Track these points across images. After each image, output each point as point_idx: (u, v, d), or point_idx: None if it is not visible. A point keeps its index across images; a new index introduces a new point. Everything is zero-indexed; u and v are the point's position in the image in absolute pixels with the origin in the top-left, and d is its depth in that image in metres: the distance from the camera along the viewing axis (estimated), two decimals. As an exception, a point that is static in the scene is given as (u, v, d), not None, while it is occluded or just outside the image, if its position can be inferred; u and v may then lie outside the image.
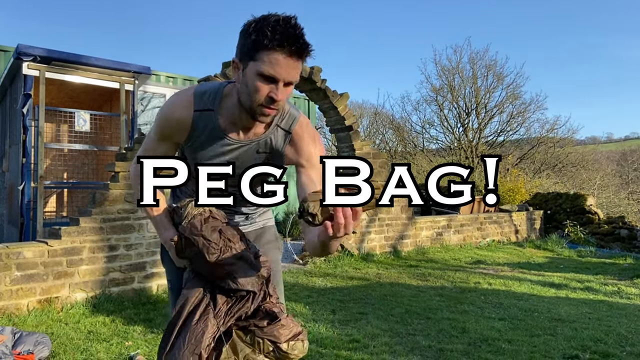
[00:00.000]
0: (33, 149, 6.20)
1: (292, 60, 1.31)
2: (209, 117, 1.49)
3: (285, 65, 1.30)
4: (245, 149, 1.53)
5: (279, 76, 1.31)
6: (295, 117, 1.55)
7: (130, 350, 3.38)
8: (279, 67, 1.30)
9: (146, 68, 6.84)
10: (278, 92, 1.33)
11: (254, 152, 1.54)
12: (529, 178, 16.12)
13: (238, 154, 1.53)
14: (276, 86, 1.33)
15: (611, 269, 7.58)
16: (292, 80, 1.34)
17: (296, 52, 1.30)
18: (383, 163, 7.79)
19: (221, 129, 1.50)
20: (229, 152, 1.53)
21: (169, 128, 1.52)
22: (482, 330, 3.94)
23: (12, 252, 4.23)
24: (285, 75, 1.32)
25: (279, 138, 1.54)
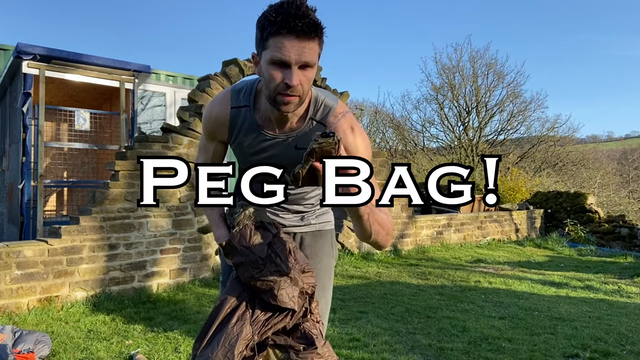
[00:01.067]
0: (33, 147, 6.20)
1: (299, 40, 1.25)
2: (246, 113, 1.49)
3: (292, 46, 1.25)
4: (283, 144, 1.49)
5: (289, 59, 1.26)
6: (330, 108, 1.48)
7: (131, 349, 3.38)
8: (286, 50, 1.26)
9: (146, 67, 6.83)
10: (292, 77, 1.28)
11: (292, 149, 1.47)
12: (530, 177, 16.12)
13: (277, 150, 1.50)
14: (290, 70, 1.28)
15: (611, 267, 7.58)
16: (306, 61, 1.28)
17: (302, 32, 1.24)
18: (383, 162, 7.78)
19: (257, 124, 1.48)
20: (268, 148, 1.50)
21: (211, 126, 1.57)
22: (482, 329, 3.94)
23: (12, 250, 4.23)
24: (295, 57, 1.26)
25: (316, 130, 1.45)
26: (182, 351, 3.35)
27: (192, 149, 5.48)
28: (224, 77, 5.82)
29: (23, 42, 5.86)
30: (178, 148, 5.37)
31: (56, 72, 6.22)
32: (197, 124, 5.50)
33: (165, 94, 8.42)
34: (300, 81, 1.30)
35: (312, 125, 1.48)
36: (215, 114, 1.54)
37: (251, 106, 1.49)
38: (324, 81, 6.89)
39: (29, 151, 6.14)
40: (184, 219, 5.38)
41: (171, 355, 3.29)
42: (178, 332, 3.75)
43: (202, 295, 4.93)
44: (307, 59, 1.28)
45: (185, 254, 5.40)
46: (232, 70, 5.86)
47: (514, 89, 21.10)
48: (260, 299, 1.48)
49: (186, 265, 5.40)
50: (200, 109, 5.51)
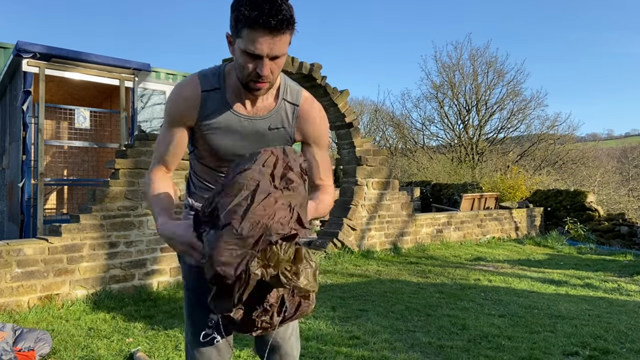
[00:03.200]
0: (33, 146, 6.20)
1: (271, 35, 1.30)
2: (217, 95, 1.50)
3: (265, 41, 1.30)
4: (256, 124, 1.52)
5: (261, 52, 1.32)
6: (298, 90, 1.58)
7: (131, 347, 3.39)
8: (259, 44, 1.30)
9: (146, 65, 6.83)
10: (263, 68, 1.34)
11: (265, 130, 1.53)
12: (530, 175, 16.11)
13: (250, 130, 1.52)
14: (261, 62, 1.34)
15: (611, 265, 7.59)
16: (277, 54, 1.34)
17: (275, 28, 1.28)
18: (383, 160, 7.79)
19: (229, 104, 1.50)
20: (240, 129, 1.52)
21: (178, 111, 1.52)
22: (482, 326, 3.94)
23: (12, 249, 4.23)
24: (267, 50, 1.32)
25: (288, 111, 1.55)
26: (182, 349, 3.35)
27: (192, 147, 5.47)
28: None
29: (23, 40, 5.85)
30: (178, 146, 5.36)
31: (56, 71, 6.22)
32: (197, 122, 5.48)
33: (165, 92, 8.42)
34: (271, 69, 1.37)
35: (285, 105, 1.54)
36: (184, 96, 1.50)
37: (222, 88, 1.50)
38: (324, 79, 6.88)
39: (29, 149, 6.14)
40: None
41: (171, 353, 3.30)
42: (178, 330, 3.75)
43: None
44: (278, 52, 1.34)
45: (186, 252, 5.40)
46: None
47: (514, 87, 21.11)
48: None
49: (186, 264, 5.40)
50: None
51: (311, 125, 1.58)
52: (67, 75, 6.35)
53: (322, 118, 1.62)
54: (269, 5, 1.27)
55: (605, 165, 22.59)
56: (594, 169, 20.86)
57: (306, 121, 1.57)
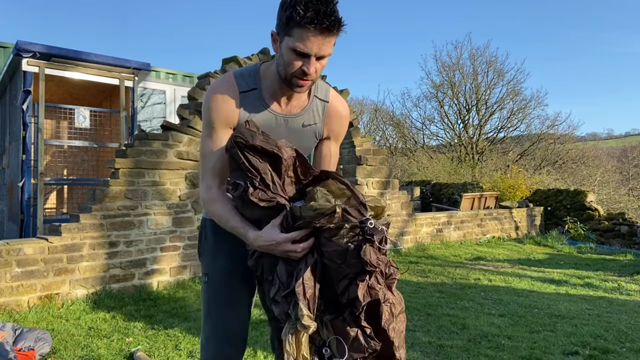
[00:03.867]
0: (33, 145, 6.20)
1: (323, 36, 1.35)
2: (254, 95, 1.53)
3: (316, 41, 1.35)
4: (292, 121, 1.58)
5: (310, 52, 1.37)
6: (327, 88, 1.65)
7: (131, 347, 3.39)
8: (310, 43, 1.35)
9: (146, 64, 6.82)
10: (310, 66, 1.40)
11: (299, 127, 1.59)
12: (530, 174, 16.11)
13: (285, 127, 1.57)
14: (308, 60, 1.39)
15: (611, 265, 7.59)
16: (324, 54, 1.40)
17: (327, 29, 1.33)
18: (383, 159, 7.78)
19: (267, 104, 1.54)
20: (277, 126, 1.55)
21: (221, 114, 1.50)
22: (482, 326, 3.94)
23: (12, 248, 4.23)
24: (316, 50, 1.37)
25: (319, 108, 1.62)
26: (182, 348, 3.35)
27: (192, 146, 5.48)
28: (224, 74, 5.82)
29: (23, 40, 5.85)
30: (178, 146, 5.37)
31: (56, 70, 6.22)
32: (197, 121, 5.49)
33: (165, 92, 8.42)
34: (316, 68, 1.42)
35: (316, 102, 1.61)
36: (224, 99, 1.50)
37: (259, 88, 1.53)
38: (324, 78, 6.89)
39: (29, 149, 6.14)
40: (184, 217, 5.39)
41: (172, 352, 3.30)
42: (178, 330, 3.75)
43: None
44: (326, 52, 1.40)
45: (186, 252, 5.40)
46: (232, 67, 5.85)
47: (514, 86, 21.11)
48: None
49: (186, 263, 5.40)
50: (200, 107, 5.49)
51: (338, 121, 1.66)
52: (67, 75, 6.35)
53: (347, 116, 1.70)
54: (324, 7, 1.31)
55: (605, 165, 22.59)
56: (594, 168, 20.86)
57: (334, 117, 1.64)
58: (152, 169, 5.17)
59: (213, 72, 5.81)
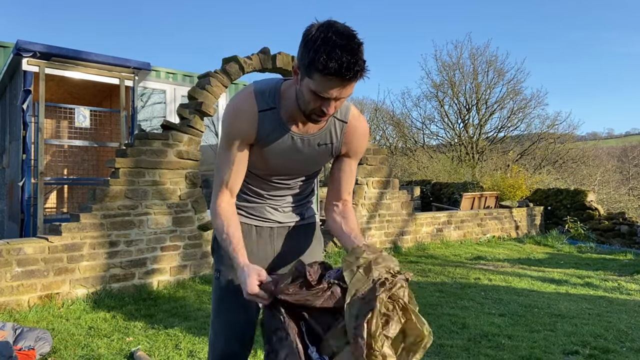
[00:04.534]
0: (33, 145, 6.20)
1: (344, 85, 1.33)
2: (273, 114, 1.52)
3: (337, 88, 1.33)
4: (309, 141, 1.58)
5: (331, 97, 1.35)
6: (348, 107, 1.61)
7: (131, 346, 3.39)
8: (332, 90, 1.34)
9: (146, 64, 6.82)
10: (329, 108, 1.40)
11: (315, 145, 1.59)
12: (530, 174, 16.11)
13: (302, 146, 1.58)
14: (328, 102, 1.38)
15: (611, 264, 7.59)
16: (344, 96, 1.38)
17: (350, 79, 1.31)
18: (383, 159, 7.78)
19: (285, 125, 1.53)
20: (293, 146, 1.57)
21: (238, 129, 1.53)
22: (482, 325, 3.94)
23: (12, 248, 4.24)
24: (336, 95, 1.35)
25: (337, 128, 1.60)
26: (182, 348, 3.35)
27: (192, 146, 5.48)
28: (224, 74, 5.81)
29: (23, 39, 5.85)
30: (178, 145, 5.37)
31: (56, 70, 6.21)
32: (197, 121, 5.49)
33: (165, 91, 8.41)
34: (335, 106, 1.41)
35: (333, 122, 1.59)
36: (243, 115, 1.52)
37: (277, 107, 1.52)
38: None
39: (29, 148, 6.14)
40: (184, 217, 5.39)
41: (172, 352, 3.30)
42: (179, 329, 3.76)
43: (203, 292, 4.94)
44: (346, 95, 1.38)
45: (186, 251, 5.40)
46: (232, 67, 5.85)
47: (514, 86, 21.12)
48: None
49: (186, 263, 5.40)
50: (200, 106, 5.50)
51: (357, 140, 1.64)
52: (67, 74, 6.34)
53: (366, 134, 1.69)
54: (349, 57, 1.26)
55: (606, 164, 22.60)
56: (594, 168, 20.87)
57: (353, 136, 1.62)
58: (152, 169, 5.17)
59: (213, 72, 5.80)
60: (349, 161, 1.68)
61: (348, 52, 1.26)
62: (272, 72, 6.50)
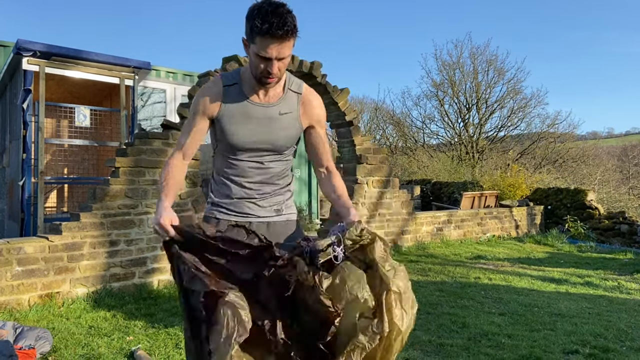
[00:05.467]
0: (33, 144, 6.20)
1: (279, 42, 1.61)
2: (235, 89, 1.83)
3: (274, 47, 1.62)
4: (269, 110, 1.83)
5: (271, 56, 1.64)
6: (300, 83, 1.92)
7: (132, 345, 3.40)
8: (269, 49, 1.62)
9: (146, 63, 6.82)
10: (272, 67, 1.67)
11: (276, 115, 1.84)
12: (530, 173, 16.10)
13: (263, 115, 1.83)
14: (270, 62, 1.66)
15: (611, 264, 7.59)
16: (283, 56, 1.66)
17: (281, 37, 1.60)
18: (383, 158, 7.78)
19: (246, 95, 1.82)
20: (255, 115, 1.82)
21: (203, 102, 1.83)
22: (482, 325, 3.95)
23: (13, 247, 4.24)
24: (275, 54, 1.64)
25: (294, 99, 1.88)
26: (182, 347, 3.35)
27: (193, 145, 5.47)
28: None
29: (23, 39, 5.85)
30: (178, 145, 5.37)
31: (56, 69, 6.22)
32: (198, 120, 5.48)
33: (165, 91, 8.41)
34: (279, 67, 1.69)
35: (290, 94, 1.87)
36: (210, 92, 1.82)
37: (239, 83, 1.83)
38: (324, 77, 6.88)
39: (30, 148, 6.15)
40: (185, 216, 5.39)
41: (172, 351, 3.30)
42: (179, 328, 3.76)
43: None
44: (285, 54, 1.67)
45: (186, 251, 5.40)
46: (232, 66, 5.85)
47: (514, 85, 21.12)
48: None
49: (187, 262, 5.40)
50: (201, 106, 5.50)
51: (314, 109, 1.91)
52: (67, 74, 6.34)
53: (322, 105, 1.96)
54: (277, 19, 1.57)
55: (606, 164, 22.60)
56: (594, 167, 20.87)
57: (309, 106, 1.90)
58: (152, 168, 5.17)
59: (213, 71, 5.80)
60: (315, 131, 1.93)
61: (277, 15, 1.57)
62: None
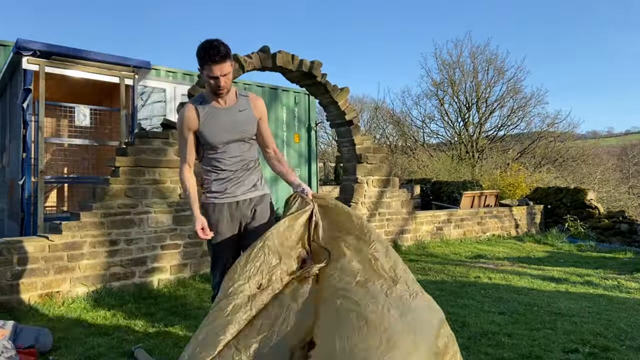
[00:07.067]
0: (33, 143, 6.20)
1: (219, 65, 2.38)
2: (203, 105, 2.58)
3: (215, 69, 2.39)
4: (231, 111, 2.60)
5: (215, 75, 2.41)
6: (246, 90, 2.87)
7: (132, 345, 3.40)
8: (213, 71, 2.40)
9: (146, 62, 6.82)
10: (220, 82, 2.44)
11: (237, 112, 2.60)
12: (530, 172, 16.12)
13: (229, 116, 2.58)
14: (218, 80, 2.43)
15: (611, 263, 7.59)
16: (225, 72, 2.42)
17: (218, 61, 2.38)
18: (383, 158, 7.79)
19: (212, 105, 2.59)
20: (223, 118, 2.57)
21: (187, 122, 2.57)
22: (482, 324, 3.95)
23: (13, 246, 4.24)
24: (218, 73, 2.41)
25: (245, 100, 2.67)
26: (182, 346, 3.35)
27: (193, 144, 5.47)
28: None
29: (23, 38, 5.85)
30: (178, 144, 5.37)
31: (56, 68, 6.21)
32: (197, 119, 5.48)
33: (165, 90, 8.41)
34: (225, 82, 2.46)
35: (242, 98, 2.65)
36: (186, 113, 2.56)
37: (204, 100, 2.59)
38: (324, 77, 6.88)
39: (30, 147, 6.14)
40: (185, 215, 5.39)
41: (172, 350, 3.30)
42: (179, 328, 3.76)
43: (203, 291, 4.94)
44: (225, 72, 2.42)
45: (186, 250, 5.41)
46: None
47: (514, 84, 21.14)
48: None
49: (187, 261, 5.41)
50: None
51: (260, 106, 2.72)
52: (67, 73, 6.34)
53: (263, 104, 2.76)
54: (213, 50, 2.35)
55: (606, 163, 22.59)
56: (594, 166, 20.86)
57: (257, 103, 2.71)
58: (152, 167, 5.18)
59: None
60: (262, 122, 2.72)
61: (213, 48, 2.36)
62: (272, 70, 6.50)
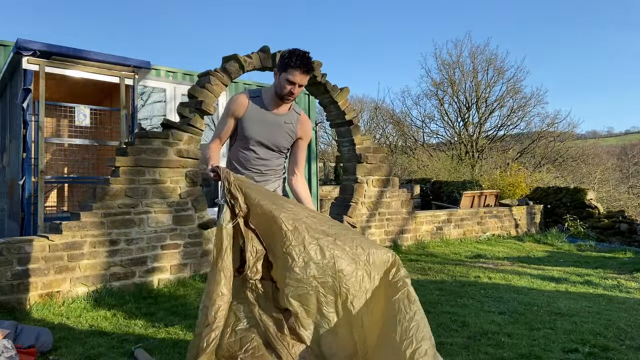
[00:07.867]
0: (33, 143, 6.20)
1: (303, 74, 2.59)
2: (257, 100, 2.74)
3: (299, 77, 2.58)
4: (278, 118, 2.75)
5: (296, 82, 2.59)
6: (300, 109, 2.90)
7: (131, 345, 3.40)
8: (296, 78, 2.58)
9: (146, 62, 6.82)
10: (295, 90, 2.63)
11: (282, 122, 2.75)
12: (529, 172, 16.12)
13: (273, 121, 2.73)
14: (294, 87, 2.61)
15: (611, 263, 7.60)
16: (302, 84, 2.63)
17: (304, 72, 2.58)
18: (383, 157, 7.79)
19: (265, 105, 2.74)
20: (268, 120, 2.72)
21: (235, 106, 2.71)
22: (481, 324, 3.95)
23: (13, 246, 4.24)
24: (299, 81, 2.60)
25: (294, 116, 2.82)
26: (183, 346, 3.36)
27: (192, 144, 5.49)
28: (224, 72, 5.81)
29: (23, 38, 5.85)
30: (178, 144, 5.38)
31: (56, 68, 6.21)
32: (197, 119, 5.50)
33: (165, 90, 8.41)
34: (296, 91, 2.63)
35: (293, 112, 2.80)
36: (239, 100, 2.72)
37: (260, 97, 2.75)
38: (324, 77, 6.88)
39: (30, 147, 6.14)
40: (185, 215, 5.40)
41: (172, 350, 3.31)
42: (179, 327, 3.77)
43: (203, 291, 4.94)
44: (304, 83, 2.63)
45: (186, 250, 5.41)
46: (232, 66, 5.85)
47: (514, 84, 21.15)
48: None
49: (187, 261, 5.41)
50: (201, 105, 5.51)
51: (306, 127, 2.87)
52: (67, 73, 6.34)
53: (311, 127, 2.93)
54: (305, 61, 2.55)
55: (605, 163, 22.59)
56: (593, 166, 20.86)
57: (304, 124, 2.85)
58: (152, 167, 5.18)
59: (213, 70, 5.80)
60: (301, 142, 2.85)
61: (305, 58, 2.56)
62: (272, 70, 6.48)
